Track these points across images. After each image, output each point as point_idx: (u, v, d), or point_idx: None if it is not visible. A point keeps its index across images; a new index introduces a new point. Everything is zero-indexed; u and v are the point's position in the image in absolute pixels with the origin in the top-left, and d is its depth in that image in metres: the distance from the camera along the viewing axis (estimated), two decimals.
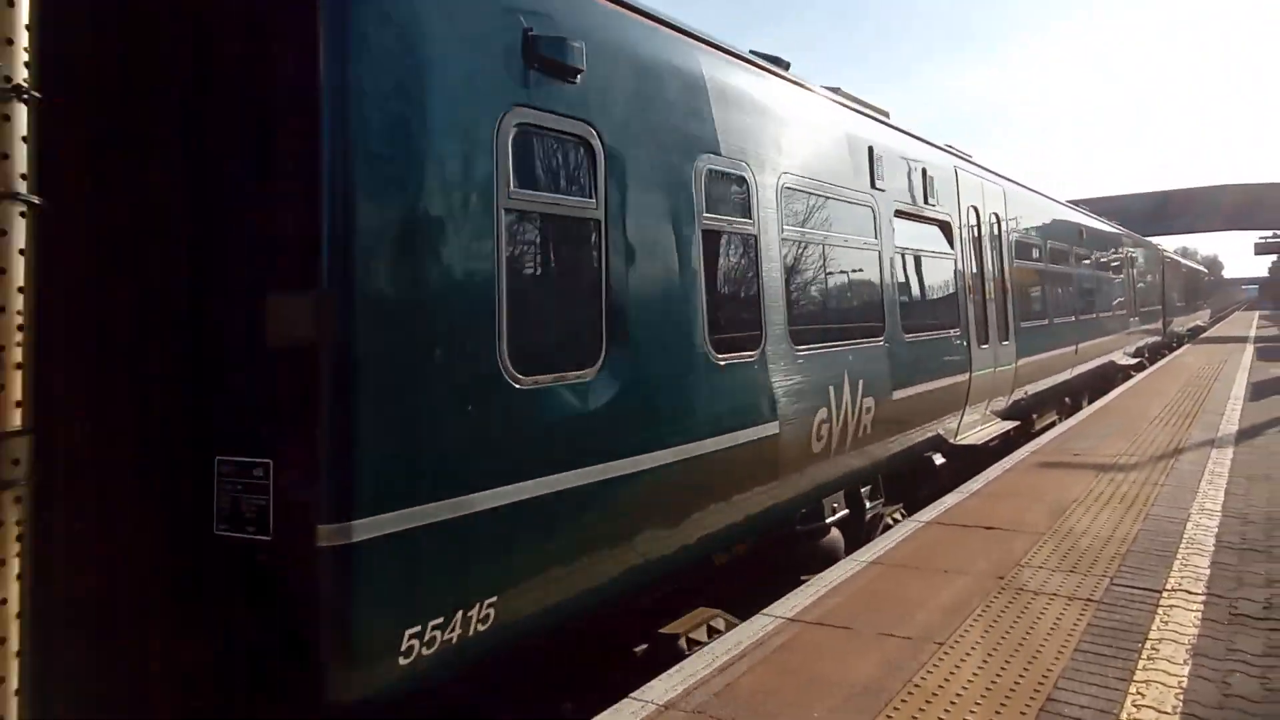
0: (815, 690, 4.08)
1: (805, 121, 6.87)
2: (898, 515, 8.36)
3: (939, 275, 9.32)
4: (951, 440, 9.27)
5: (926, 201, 8.91)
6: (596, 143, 4.49)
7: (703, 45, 5.72)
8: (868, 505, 7.59)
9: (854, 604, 5.26)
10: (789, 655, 4.53)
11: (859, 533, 7.39)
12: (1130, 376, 20.03)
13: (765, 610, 5.22)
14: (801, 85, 7.09)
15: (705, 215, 5.35)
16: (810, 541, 6.81)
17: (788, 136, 6.44)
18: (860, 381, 6.91)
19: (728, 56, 6.04)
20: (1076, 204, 19.35)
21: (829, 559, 6.55)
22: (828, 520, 6.82)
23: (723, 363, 5.41)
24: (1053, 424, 13.55)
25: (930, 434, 8.69)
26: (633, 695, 4.10)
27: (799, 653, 4.56)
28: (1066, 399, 15.28)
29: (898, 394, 7.66)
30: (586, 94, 4.42)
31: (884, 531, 7.43)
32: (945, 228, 9.50)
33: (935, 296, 9.25)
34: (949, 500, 7.91)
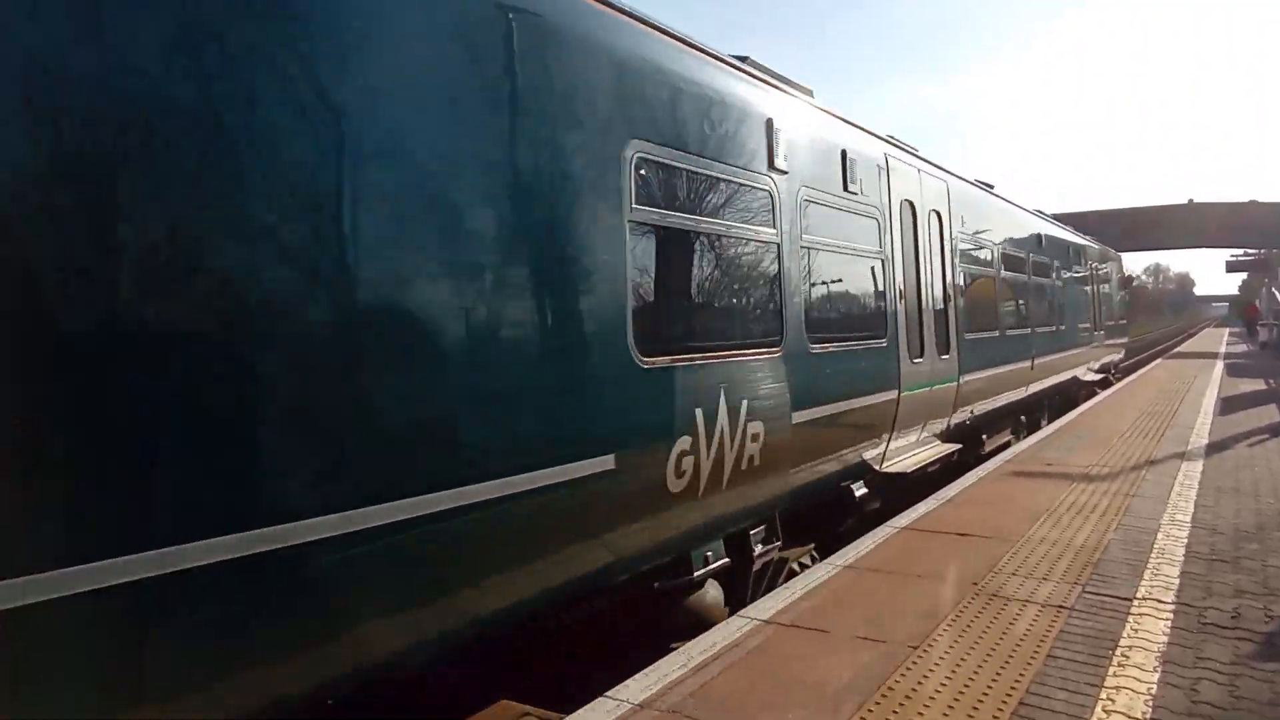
0: (790, 692, 4.08)
1: (668, 83, 5.42)
2: (806, 560, 7.25)
3: (861, 277, 8.04)
4: (877, 468, 8.15)
5: (847, 190, 7.66)
6: None
7: None
8: (757, 551, 6.37)
9: (829, 607, 5.27)
10: (764, 657, 4.53)
11: (748, 584, 6.36)
12: (1095, 393, 19.46)
13: (741, 612, 5.23)
14: (669, 36, 5.66)
15: None
16: (674, 600, 5.68)
17: (639, 98, 5.13)
18: (744, 402, 5.69)
19: None
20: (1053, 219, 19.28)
21: (702, 621, 5.51)
22: (697, 574, 5.64)
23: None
24: (1007, 444, 12.74)
25: (849, 461, 7.60)
26: (607, 694, 4.09)
27: (774, 654, 4.56)
28: (1023, 418, 14.28)
29: (799, 416, 6.41)
30: None
31: (787, 579, 6.33)
32: (872, 223, 8.24)
33: (855, 301, 8.00)
34: (922, 507, 7.95)
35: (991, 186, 13.90)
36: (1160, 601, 5.25)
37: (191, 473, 2.93)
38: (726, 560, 6.00)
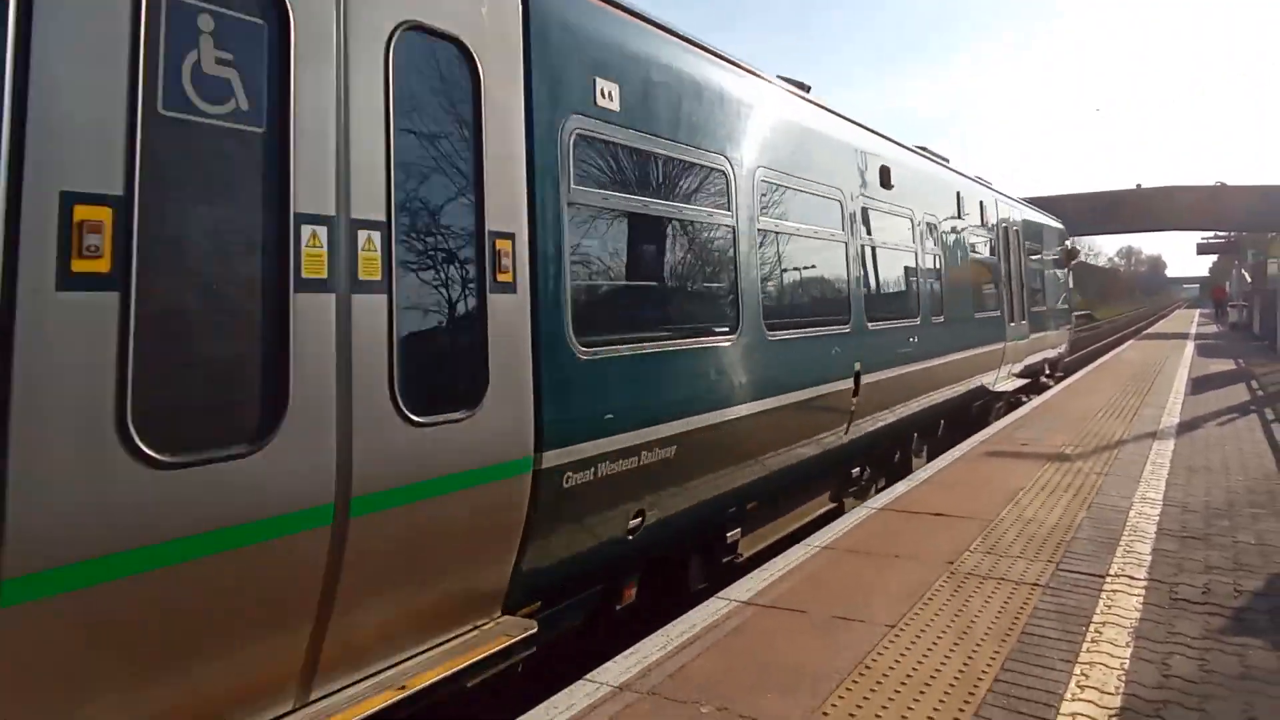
0: (769, 672, 4.10)
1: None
2: None
3: None
4: None
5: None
6: None
7: None
8: None
9: (807, 588, 5.30)
10: (743, 638, 4.55)
11: None
12: (1022, 401, 15.34)
13: (720, 593, 5.24)
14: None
15: None
16: None
17: None
18: None
19: None
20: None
21: None
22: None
23: None
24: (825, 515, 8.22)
25: None
26: (588, 677, 4.09)
27: (753, 635, 4.58)
28: (857, 470, 8.92)
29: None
30: None
31: None
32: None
33: None
34: (899, 488, 8.01)
35: (807, 89, 8.31)
36: (1133, 578, 5.32)
37: None
38: None
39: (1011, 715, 3.62)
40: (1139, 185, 54.50)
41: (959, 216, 12.06)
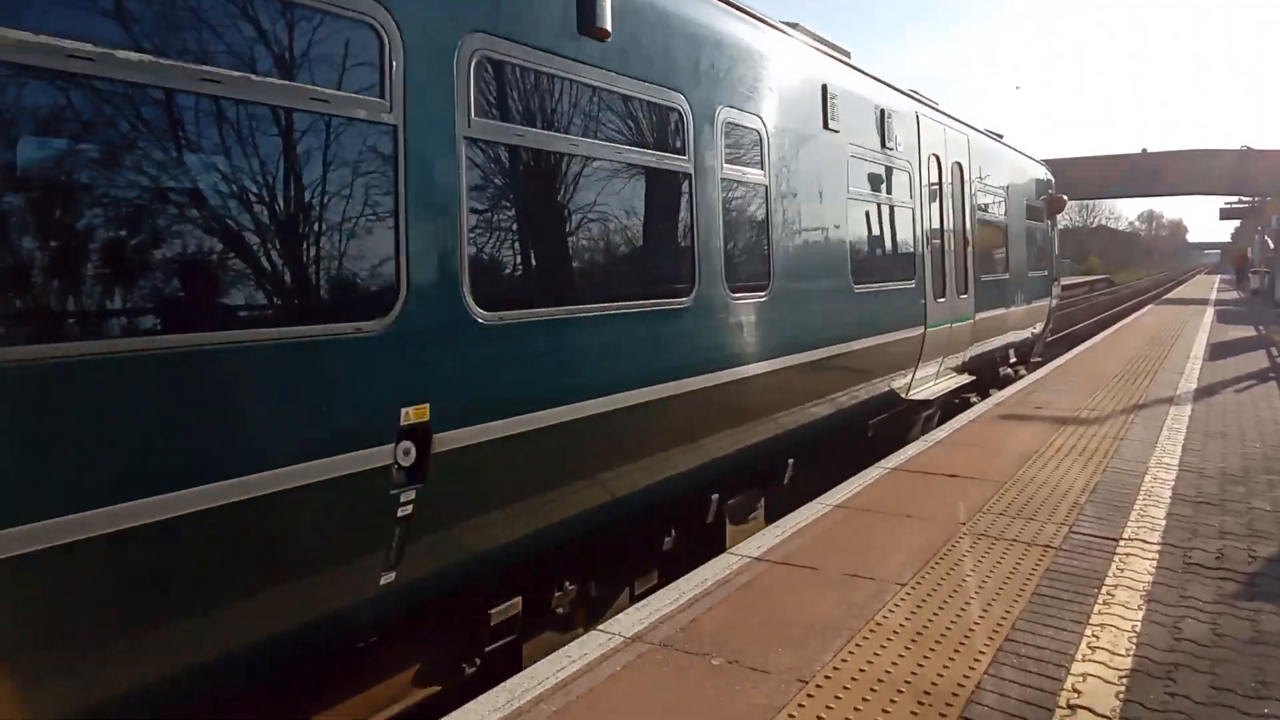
0: (779, 627, 4.13)
1: None
2: None
3: None
4: None
5: None
6: None
7: None
8: None
9: (819, 545, 5.32)
10: (754, 593, 4.58)
11: None
12: (959, 408, 11.05)
13: (731, 549, 5.27)
14: None
15: None
16: None
17: None
18: None
19: None
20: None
21: None
22: None
23: None
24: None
25: None
26: (600, 628, 4.13)
27: (764, 591, 4.61)
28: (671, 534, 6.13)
29: None
30: None
31: None
32: None
33: None
34: (912, 449, 8.00)
35: None
36: (1146, 542, 5.31)
37: None
38: None
39: (1022, 674, 3.64)
40: (1144, 150, 53.71)
41: (826, 126, 7.52)
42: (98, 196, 2.81)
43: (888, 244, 9.09)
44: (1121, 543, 5.29)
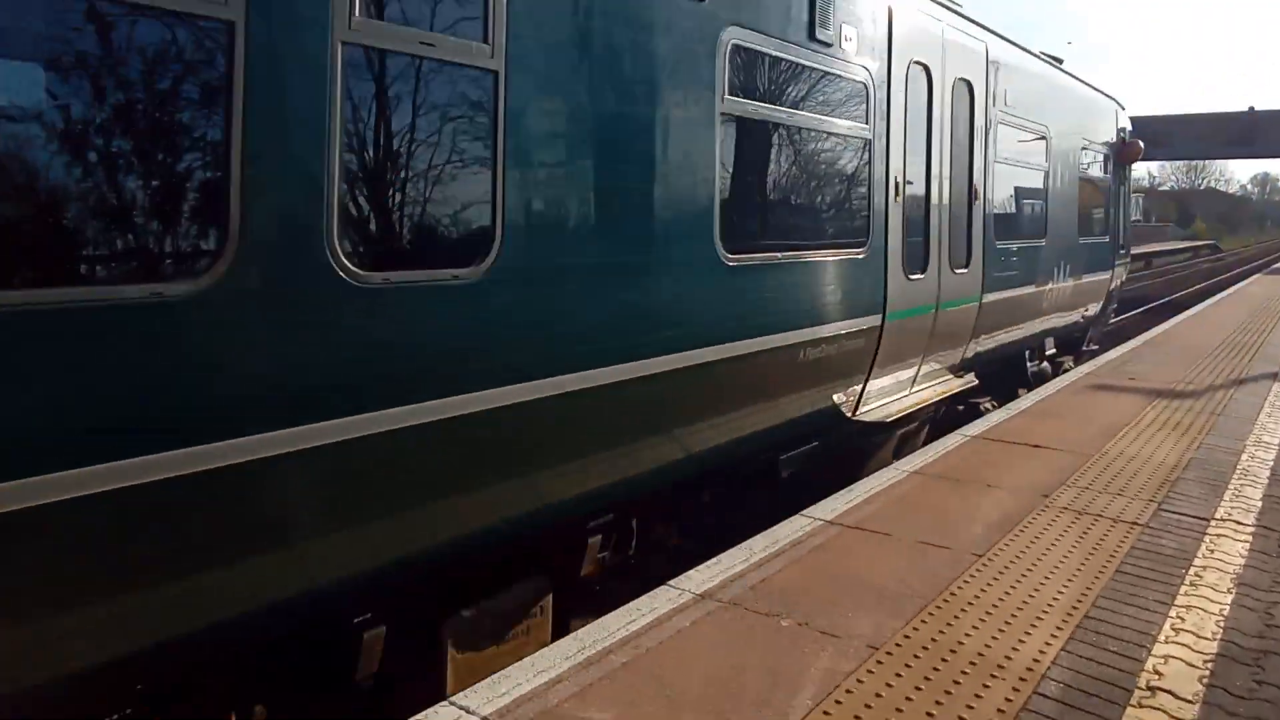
0: (849, 591, 4.11)
1: None
2: None
3: None
4: None
5: None
6: None
7: None
8: None
9: (892, 511, 5.26)
10: (825, 556, 4.57)
11: None
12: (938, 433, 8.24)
13: (804, 511, 5.25)
14: None
15: None
16: None
17: None
18: None
19: None
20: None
21: None
22: None
23: None
24: None
25: None
26: (670, 584, 4.18)
27: (835, 554, 4.59)
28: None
29: None
30: None
31: None
32: None
33: None
34: (995, 417, 7.81)
35: None
36: (1239, 523, 5.10)
37: None
38: None
39: (1100, 652, 3.56)
40: (1251, 109, 50.39)
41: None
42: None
43: (810, 192, 6.20)
44: (1213, 523, 5.10)
